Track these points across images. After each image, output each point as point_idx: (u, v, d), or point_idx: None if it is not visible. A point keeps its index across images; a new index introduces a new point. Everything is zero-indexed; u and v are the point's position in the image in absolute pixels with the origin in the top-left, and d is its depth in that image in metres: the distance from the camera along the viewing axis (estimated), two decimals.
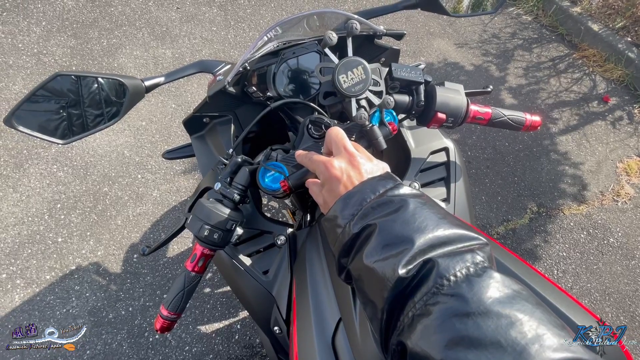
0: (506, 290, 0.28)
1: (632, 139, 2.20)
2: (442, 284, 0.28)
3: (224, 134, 0.74)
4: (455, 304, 0.27)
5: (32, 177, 1.61)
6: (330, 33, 0.52)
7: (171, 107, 1.92)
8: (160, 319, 0.57)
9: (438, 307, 0.28)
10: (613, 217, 1.88)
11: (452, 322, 0.26)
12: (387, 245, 0.33)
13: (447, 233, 0.32)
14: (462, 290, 0.28)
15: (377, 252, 0.33)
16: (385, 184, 0.38)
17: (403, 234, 0.33)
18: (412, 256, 0.31)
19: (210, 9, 2.36)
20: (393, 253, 0.32)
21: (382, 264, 0.32)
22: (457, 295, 0.28)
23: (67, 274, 1.44)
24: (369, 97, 0.54)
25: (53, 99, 0.56)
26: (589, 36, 2.58)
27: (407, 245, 0.32)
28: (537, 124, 0.68)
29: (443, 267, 0.29)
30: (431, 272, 0.30)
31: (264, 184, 0.59)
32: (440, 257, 0.30)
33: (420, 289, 0.30)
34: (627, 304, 1.63)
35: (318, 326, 0.47)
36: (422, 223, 0.33)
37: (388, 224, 0.34)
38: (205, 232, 0.54)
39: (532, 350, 0.24)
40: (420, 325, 0.28)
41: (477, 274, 0.29)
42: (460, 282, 0.28)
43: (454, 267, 0.29)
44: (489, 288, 0.28)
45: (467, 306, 0.27)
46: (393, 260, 0.31)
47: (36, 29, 2.04)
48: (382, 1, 2.69)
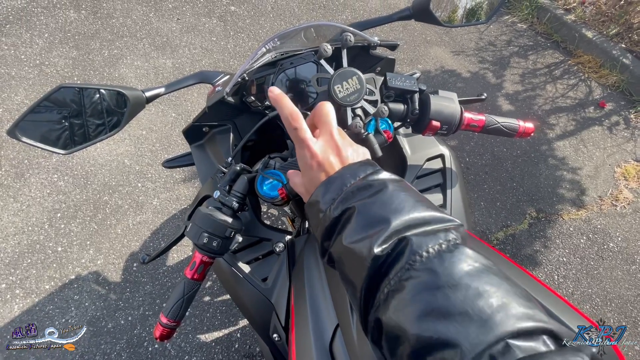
0: (475, 264, 0.29)
1: (629, 143, 2.22)
2: (415, 260, 0.29)
3: (223, 143, 0.75)
4: (426, 277, 0.28)
5: (33, 186, 1.62)
6: (325, 45, 0.53)
7: (171, 116, 1.94)
8: (160, 327, 0.57)
9: (411, 281, 0.29)
10: (612, 222, 1.88)
11: (423, 295, 0.27)
12: (365, 226, 0.34)
13: (423, 214, 0.33)
14: (434, 265, 0.29)
15: (355, 233, 0.34)
16: (365, 169, 0.39)
17: (381, 215, 0.33)
18: (388, 235, 0.32)
19: (210, 20, 2.40)
20: (370, 233, 0.33)
21: (359, 244, 0.33)
22: (429, 269, 0.29)
23: (66, 283, 1.43)
24: (364, 106, 0.55)
25: (56, 110, 0.57)
26: (584, 43, 2.61)
27: (383, 225, 0.32)
28: (530, 131, 0.69)
29: (416, 244, 0.30)
30: (405, 249, 0.31)
31: (262, 191, 0.60)
32: (414, 236, 0.31)
33: (395, 266, 0.30)
34: (629, 309, 1.62)
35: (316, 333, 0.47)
36: (400, 205, 0.34)
37: (367, 206, 0.35)
38: (205, 240, 0.54)
39: (497, 319, 0.25)
40: (394, 300, 0.29)
41: (449, 250, 0.30)
42: (432, 258, 0.29)
43: (426, 244, 0.30)
44: (459, 262, 0.29)
45: (437, 279, 0.28)
46: (370, 239, 0.32)
47: (39, 41, 2.07)
48: (379, 10, 2.73)
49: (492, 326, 0.24)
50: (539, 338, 0.24)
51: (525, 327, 0.24)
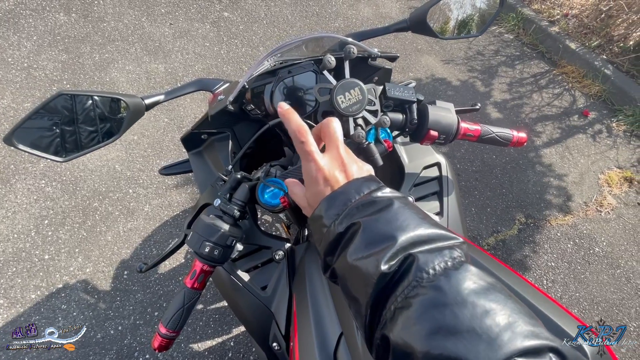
0: (481, 282, 0.29)
1: (612, 151, 2.30)
2: (422, 277, 0.30)
3: (221, 150, 0.75)
4: (433, 295, 0.29)
5: (19, 192, 1.58)
6: (329, 57, 0.54)
7: (163, 122, 1.92)
8: (159, 337, 0.56)
9: (418, 299, 0.29)
10: (597, 227, 1.94)
11: (431, 312, 0.28)
12: (371, 243, 0.34)
13: (427, 232, 0.34)
14: (440, 282, 0.29)
15: (360, 250, 0.34)
16: (369, 185, 0.40)
17: (386, 232, 0.34)
18: (394, 252, 0.32)
19: (203, 25, 2.40)
20: (376, 250, 0.33)
21: (365, 261, 0.33)
22: (436, 287, 0.29)
23: (53, 292, 1.39)
24: (365, 116, 0.56)
25: (54, 117, 0.56)
26: (568, 54, 2.71)
27: (389, 242, 0.33)
28: (523, 140, 0.71)
29: (422, 262, 0.31)
30: (411, 267, 0.31)
31: (263, 200, 0.60)
32: (420, 253, 0.32)
33: (402, 283, 0.31)
34: (614, 312, 1.66)
35: (319, 341, 0.47)
36: (404, 222, 0.35)
37: (372, 223, 0.35)
38: (206, 249, 0.54)
39: (504, 337, 0.25)
40: (401, 317, 0.29)
41: (455, 267, 0.30)
42: (439, 275, 0.30)
43: (432, 261, 0.31)
44: (465, 280, 0.29)
45: (444, 297, 0.28)
46: (376, 257, 0.32)
47: (27, 44, 2.03)
48: (370, 19, 2.78)
49: (500, 344, 0.25)
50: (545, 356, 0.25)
51: (532, 345, 0.25)
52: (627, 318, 1.66)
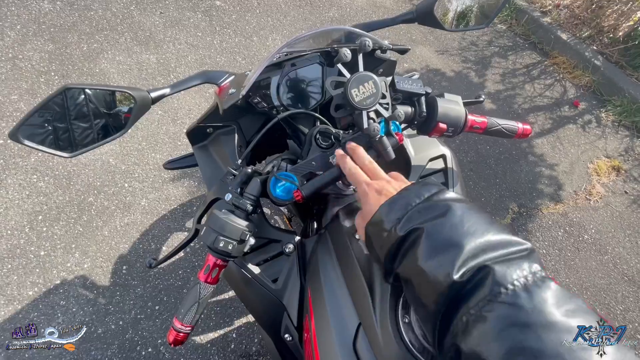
0: (567, 303, 0.28)
1: (601, 141, 2.35)
2: (499, 292, 0.28)
3: (227, 144, 0.75)
4: (514, 313, 0.27)
5: (10, 188, 1.53)
6: (345, 50, 0.54)
7: (157, 114, 1.88)
8: (174, 332, 0.57)
9: (495, 314, 0.28)
10: (587, 215, 2.00)
11: (511, 331, 0.26)
12: (437, 248, 0.33)
13: (497, 238, 0.33)
14: (522, 300, 0.28)
15: (427, 256, 0.33)
16: (429, 189, 0.39)
17: (452, 238, 0.33)
18: (464, 260, 0.31)
19: (194, 14, 2.33)
20: (444, 257, 0.32)
21: (433, 268, 0.32)
22: (516, 304, 0.28)
23: (51, 288, 1.37)
24: (378, 110, 0.56)
25: (59, 112, 0.55)
26: (559, 44, 2.74)
27: (457, 249, 0.32)
28: (528, 132, 0.72)
29: (500, 275, 0.29)
30: (487, 279, 0.30)
31: (275, 194, 0.60)
32: (495, 264, 0.30)
33: (475, 295, 0.30)
34: (602, 296, 1.73)
35: (338, 332, 0.48)
36: (471, 227, 0.34)
37: (436, 228, 0.34)
38: (220, 244, 0.54)
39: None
40: (475, 330, 0.28)
41: (537, 284, 0.29)
42: (519, 291, 0.28)
43: (511, 275, 0.29)
44: (549, 299, 0.28)
45: (527, 316, 0.27)
46: (445, 264, 0.32)
47: (10, 33, 1.95)
48: (364, 9, 2.75)
49: None
50: None
51: None
52: (613, 302, 1.73)
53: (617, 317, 1.71)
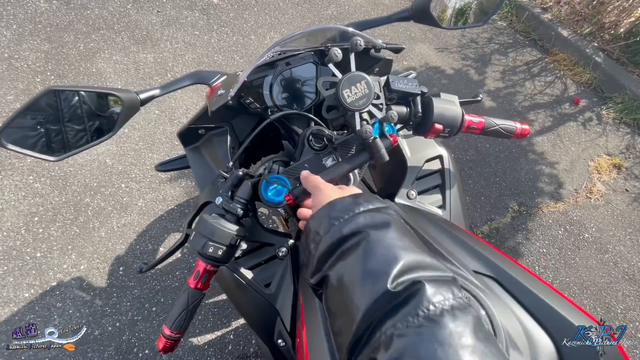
0: (483, 330, 0.30)
1: (602, 138, 2.33)
2: (428, 308, 0.29)
3: (220, 145, 0.73)
4: (438, 331, 0.28)
5: (6, 189, 1.53)
6: (335, 50, 0.52)
7: (154, 114, 1.87)
8: (163, 339, 0.56)
9: (420, 330, 0.28)
10: (587, 214, 1.98)
11: (433, 347, 0.27)
12: (377, 256, 0.34)
13: (429, 260, 0.34)
14: (446, 320, 0.29)
15: (366, 261, 0.34)
16: (379, 202, 0.41)
17: (392, 249, 0.34)
18: (400, 272, 0.32)
19: (192, 13, 2.32)
20: (382, 265, 0.33)
21: (368, 274, 0.33)
22: (441, 323, 0.29)
23: (47, 290, 1.37)
24: (371, 111, 0.55)
25: (44, 115, 0.54)
26: (559, 41, 2.71)
27: (395, 260, 0.33)
28: (527, 132, 0.71)
29: (430, 292, 0.30)
30: (417, 294, 0.30)
31: (267, 197, 0.59)
32: (427, 281, 0.31)
33: (404, 308, 0.30)
34: (602, 295, 1.72)
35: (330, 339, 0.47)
36: (409, 245, 0.35)
37: (379, 236, 0.35)
38: (210, 249, 0.53)
39: None
40: (398, 344, 0.28)
41: (461, 308, 0.30)
42: (445, 312, 0.29)
43: (440, 295, 0.30)
44: (470, 323, 0.29)
45: (450, 336, 0.28)
46: (382, 272, 0.32)
47: (6, 33, 1.93)
48: (363, 6, 2.73)
49: None
50: None
51: None
52: (614, 301, 1.72)
53: (617, 316, 1.69)
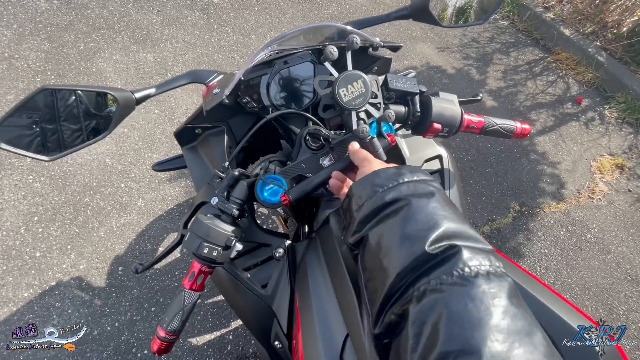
0: (519, 298, 0.31)
1: (604, 138, 2.31)
2: (463, 269, 0.31)
3: (217, 145, 0.73)
4: (471, 289, 0.29)
5: (6, 188, 1.53)
6: (331, 48, 0.52)
7: (154, 114, 1.86)
8: (158, 341, 0.55)
9: (454, 287, 0.30)
10: (589, 214, 1.96)
11: (464, 301, 0.28)
12: (417, 221, 0.35)
13: (469, 231, 0.36)
14: (481, 282, 0.30)
15: (405, 225, 0.36)
16: (424, 174, 0.42)
17: (433, 217, 0.36)
18: (439, 236, 0.34)
19: (192, 12, 2.31)
20: (422, 229, 0.35)
21: (407, 237, 0.35)
22: (476, 283, 0.30)
23: (46, 290, 1.37)
24: (368, 110, 0.54)
25: (38, 114, 0.53)
26: (562, 40, 2.70)
27: (435, 226, 0.35)
28: (527, 132, 0.70)
29: (467, 256, 0.32)
30: (454, 256, 0.32)
31: (263, 197, 0.58)
32: (465, 247, 0.33)
33: (440, 268, 0.31)
34: (605, 296, 1.70)
35: (325, 343, 0.46)
36: (450, 215, 0.37)
37: (420, 204, 0.37)
38: (205, 250, 0.52)
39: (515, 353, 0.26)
40: (430, 297, 0.30)
41: (497, 275, 0.31)
42: (480, 275, 0.30)
43: (477, 260, 0.32)
44: (505, 288, 0.30)
45: (483, 295, 0.29)
46: (421, 235, 0.34)
47: (7, 32, 1.93)
48: (364, 5, 2.72)
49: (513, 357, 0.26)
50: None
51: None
52: (616, 302, 1.70)
53: (619, 317, 1.68)
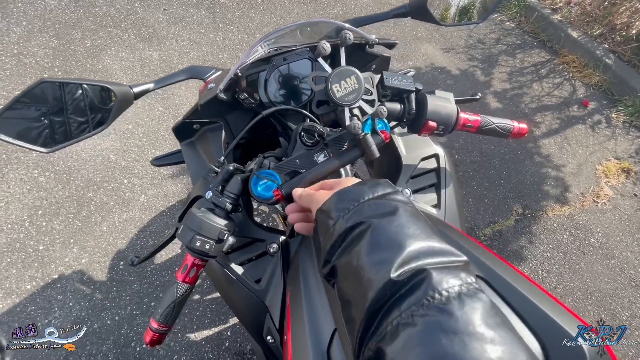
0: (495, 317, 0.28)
1: (610, 142, 2.28)
2: (434, 297, 0.28)
3: (214, 141, 0.73)
4: (444, 319, 0.27)
5: (12, 182, 1.55)
6: (323, 43, 0.52)
7: (158, 110, 1.88)
8: (150, 332, 0.56)
9: (426, 319, 0.28)
10: (593, 218, 1.94)
11: (438, 337, 0.26)
12: (380, 245, 0.33)
13: (438, 245, 0.33)
14: (453, 307, 0.28)
15: (369, 251, 0.33)
16: (384, 188, 0.40)
17: (396, 237, 0.33)
18: (404, 260, 0.31)
19: (198, 11, 2.33)
20: (386, 254, 0.32)
21: (373, 264, 0.32)
22: (447, 311, 0.27)
23: (49, 283, 1.39)
24: (361, 106, 0.54)
25: (36, 106, 0.54)
26: (569, 43, 2.67)
27: (400, 248, 0.32)
28: (524, 132, 0.69)
29: (436, 280, 0.29)
30: (423, 282, 0.30)
31: (256, 192, 0.58)
32: (433, 269, 0.30)
33: (409, 297, 0.29)
34: (607, 302, 1.68)
35: (313, 337, 0.46)
36: (416, 231, 0.34)
37: (382, 225, 0.34)
38: (197, 243, 0.53)
39: None
40: (404, 334, 0.28)
41: (469, 295, 0.29)
42: (452, 299, 0.28)
43: (447, 282, 0.29)
44: (479, 310, 0.28)
45: (456, 324, 0.27)
46: (386, 261, 0.31)
47: (16, 29, 1.97)
48: (370, 5, 2.71)
49: None
50: None
51: None
52: (619, 308, 1.68)
53: (622, 323, 1.65)
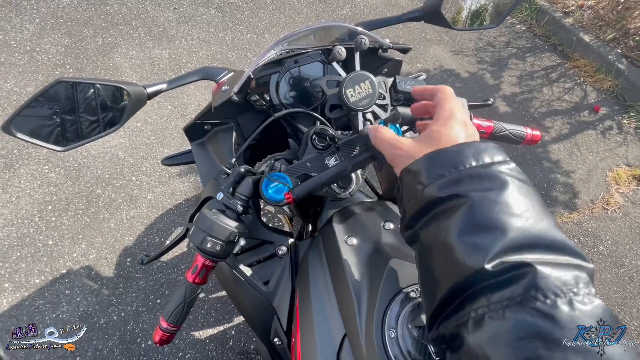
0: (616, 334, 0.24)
1: (621, 148, 2.25)
2: (536, 297, 0.24)
3: (225, 142, 0.74)
4: (546, 325, 0.23)
5: (23, 177, 1.57)
6: (339, 48, 0.52)
7: (167, 109, 1.90)
8: (160, 331, 0.56)
9: (520, 318, 0.24)
10: (603, 225, 1.91)
11: (535, 343, 0.23)
12: (477, 226, 0.28)
13: (551, 235, 0.27)
14: (560, 314, 0.23)
15: (462, 231, 0.28)
16: (492, 155, 0.32)
17: (499, 220, 0.28)
18: (504, 250, 0.26)
19: (207, 10, 2.34)
20: (482, 239, 0.27)
21: (465, 248, 0.27)
22: (552, 317, 0.23)
23: (57, 277, 1.40)
24: (375, 111, 0.54)
25: (53, 106, 0.55)
26: (581, 47, 2.63)
27: (501, 234, 0.27)
28: (537, 138, 0.69)
29: (542, 279, 0.25)
30: (524, 278, 0.25)
31: (267, 194, 0.58)
32: (540, 264, 0.25)
33: (503, 290, 0.25)
34: (617, 311, 1.66)
35: (322, 342, 0.46)
36: (525, 214, 0.28)
37: (484, 202, 0.29)
38: (208, 244, 0.53)
39: None
40: (489, 327, 0.25)
41: (583, 302, 0.24)
42: (561, 304, 0.24)
43: (556, 283, 0.25)
44: (593, 321, 0.24)
45: (559, 333, 0.23)
46: (481, 248, 0.27)
47: (29, 26, 2.00)
48: (379, 7, 2.71)
49: None
50: None
51: None
52: (628, 317, 1.66)
53: (631, 333, 1.63)
